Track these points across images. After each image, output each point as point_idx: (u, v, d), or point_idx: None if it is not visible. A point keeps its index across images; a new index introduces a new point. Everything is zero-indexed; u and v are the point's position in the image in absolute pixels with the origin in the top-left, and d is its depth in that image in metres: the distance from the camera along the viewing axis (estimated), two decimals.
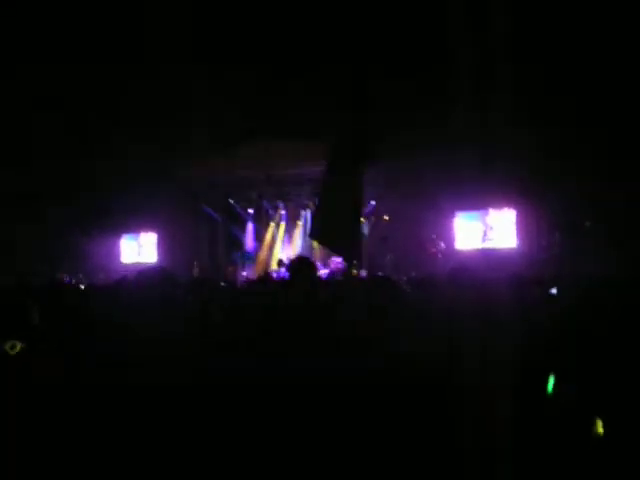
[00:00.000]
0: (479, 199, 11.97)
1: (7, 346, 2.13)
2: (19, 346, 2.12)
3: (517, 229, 11.83)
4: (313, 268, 2.82)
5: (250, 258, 16.65)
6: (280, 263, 14.32)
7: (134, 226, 15.71)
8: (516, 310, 2.90)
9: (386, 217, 14.21)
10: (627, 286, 2.94)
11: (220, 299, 3.55)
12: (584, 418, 2.20)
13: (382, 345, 2.35)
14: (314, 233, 5.25)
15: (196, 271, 14.57)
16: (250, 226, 17.10)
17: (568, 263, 9.56)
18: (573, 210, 10.22)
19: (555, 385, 2.29)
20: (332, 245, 5.13)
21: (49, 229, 13.75)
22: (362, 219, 5.15)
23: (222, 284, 6.89)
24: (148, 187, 13.80)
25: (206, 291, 3.72)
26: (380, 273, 12.52)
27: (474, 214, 12.42)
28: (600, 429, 2.14)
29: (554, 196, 10.31)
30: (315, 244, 16.49)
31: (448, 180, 11.19)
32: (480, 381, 2.18)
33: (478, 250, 12.14)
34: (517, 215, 11.84)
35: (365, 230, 15.80)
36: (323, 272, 13.85)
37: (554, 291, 3.47)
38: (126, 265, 15.72)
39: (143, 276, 2.38)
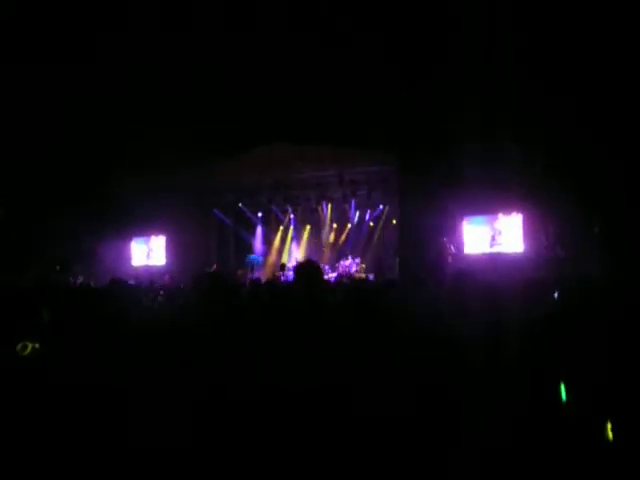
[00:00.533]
0: (487, 204, 11.96)
1: (18, 347, 2.17)
2: (30, 347, 2.16)
3: (524, 233, 11.80)
4: (318, 271, 2.71)
5: (259, 262, 16.69)
6: (283, 267, 14.38)
7: (144, 229, 15.79)
8: (522, 312, 2.92)
9: (394, 221, 14.22)
10: (630, 288, 2.95)
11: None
12: (592, 421, 2.20)
13: (379, 349, 2.36)
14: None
15: None
16: (259, 230, 17.16)
17: (574, 266, 9.52)
18: (580, 214, 10.15)
19: (566, 391, 2.30)
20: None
21: (62, 231, 13.82)
22: None
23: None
24: (158, 191, 13.89)
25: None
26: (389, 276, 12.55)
27: (482, 219, 12.41)
28: (610, 433, 2.13)
29: (561, 201, 10.25)
30: (326, 247, 16.56)
31: (457, 185, 11.17)
32: (487, 384, 2.20)
33: (486, 254, 12.13)
34: (524, 219, 11.81)
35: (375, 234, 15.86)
36: (331, 275, 13.89)
37: (557, 294, 3.48)
38: (136, 268, 15.81)
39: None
